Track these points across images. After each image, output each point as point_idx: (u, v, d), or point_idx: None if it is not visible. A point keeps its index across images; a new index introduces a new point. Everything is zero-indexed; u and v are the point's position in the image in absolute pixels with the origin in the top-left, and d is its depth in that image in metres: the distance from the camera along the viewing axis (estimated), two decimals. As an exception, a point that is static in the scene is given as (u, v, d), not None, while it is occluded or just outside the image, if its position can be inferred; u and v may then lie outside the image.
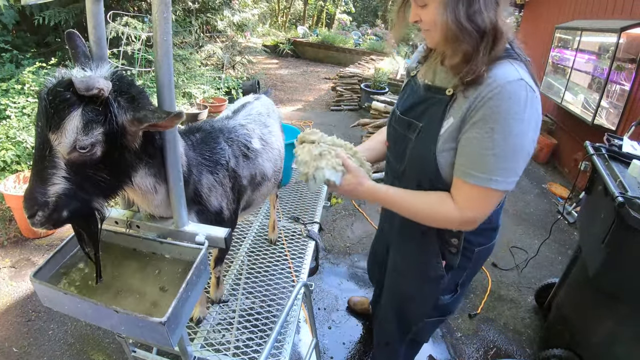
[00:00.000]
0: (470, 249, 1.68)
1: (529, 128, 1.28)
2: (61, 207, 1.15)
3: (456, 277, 1.78)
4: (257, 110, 2.23)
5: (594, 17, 6.44)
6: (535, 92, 1.29)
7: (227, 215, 1.77)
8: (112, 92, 1.11)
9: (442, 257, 1.70)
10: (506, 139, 1.28)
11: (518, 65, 1.30)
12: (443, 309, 1.90)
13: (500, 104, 1.26)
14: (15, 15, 5.57)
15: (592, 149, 2.70)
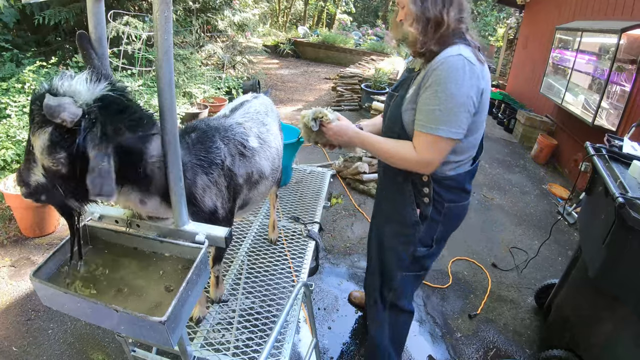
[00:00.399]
0: (441, 203, 2.00)
1: (465, 90, 1.68)
2: (39, 193, 1.22)
3: (431, 231, 2.08)
4: (255, 109, 2.23)
5: (595, 18, 6.45)
6: (475, 64, 1.69)
7: (222, 215, 1.76)
8: (88, 120, 1.10)
9: (416, 205, 2.03)
10: (447, 98, 1.68)
11: (463, 46, 1.71)
12: (420, 263, 2.20)
13: (442, 72, 1.68)
14: (15, 15, 5.57)
15: (593, 150, 2.70)
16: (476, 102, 1.73)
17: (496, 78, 13.71)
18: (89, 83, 1.15)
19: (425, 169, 1.86)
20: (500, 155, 7.46)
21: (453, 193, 2.00)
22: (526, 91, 9.43)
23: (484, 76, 1.73)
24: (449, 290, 3.68)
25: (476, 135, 1.89)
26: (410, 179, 1.99)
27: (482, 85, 1.72)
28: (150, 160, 1.31)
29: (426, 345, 3.09)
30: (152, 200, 1.40)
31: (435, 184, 1.95)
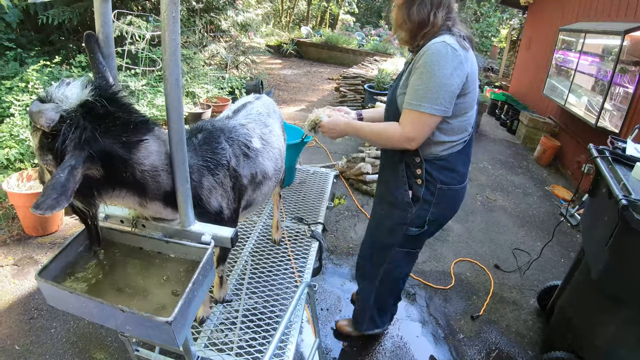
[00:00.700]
0: (434, 184, 2.13)
1: (446, 71, 1.83)
2: None
3: (423, 212, 2.21)
4: (257, 110, 2.23)
5: (598, 20, 6.45)
6: (458, 50, 1.84)
7: (227, 215, 1.76)
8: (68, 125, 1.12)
9: (409, 187, 2.17)
10: (430, 78, 1.84)
11: (447, 36, 1.88)
12: (412, 242, 2.37)
13: (426, 57, 1.85)
14: (19, 15, 5.58)
15: (596, 152, 2.69)
16: (459, 83, 1.87)
17: (499, 79, 13.70)
18: (79, 89, 1.16)
19: (409, 144, 1.98)
20: (503, 156, 7.46)
21: (445, 174, 2.12)
22: (529, 92, 9.42)
23: (467, 60, 1.88)
24: (451, 292, 3.68)
25: (466, 117, 2.03)
26: (404, 160, 2.14)
27: (466, 69, 1.88)
28: (139, 167, 1.29)
29: (429, 346, 3.09)
30: (153, 204, 1.40)
31: (427, 164, 2.08)
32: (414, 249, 2.47)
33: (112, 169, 1.22)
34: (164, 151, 1.34)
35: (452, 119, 1.97)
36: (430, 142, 2.04)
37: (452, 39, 1.86)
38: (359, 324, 2.92)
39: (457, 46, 1.85)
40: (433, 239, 4.42)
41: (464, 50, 1.87)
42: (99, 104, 1.17)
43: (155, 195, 1.37)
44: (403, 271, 2.61)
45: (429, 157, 2.08)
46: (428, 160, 2.08)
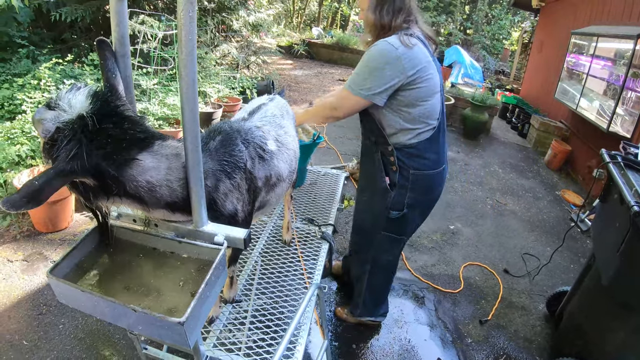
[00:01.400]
0: (407, 170, 2.31)
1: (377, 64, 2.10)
2: None
3: (401, 197, 2.39)
4: (272, 112, 2.23)
5: (611, 23, 6.40)
6: (397, 48, 2.05)
7: (241, 217, 1.76)
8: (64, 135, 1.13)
9: (385, 173, 2.37)
10: (363, 67, 2.15)
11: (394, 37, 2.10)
12: (396, 226, 2.51)
13: (368, 52, 2.15)
14: (30, 15, 5.62)
15: (608, 157, 2.67)
16: (392, 75, 2.09)
17: (510, 82, 13.65)
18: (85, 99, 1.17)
19: (333, 112, 2.34)
20: (514, 160, 7.43)
21: (415, 161, 2.31)
22: (540, 96, 9.37)
23: (408, 57, 2.07)
24: (460, 296, 3.66)
25: (426, 106, 2.21)
26: (379, 150, 2.36)
27: (404, 64, 2.07)
28: (130, 184, 1.28)
29: (436, 350, 3.08)
30: (157, 211, 1.40)
31: (398, 152, 2.30)
32: (398, 234, 2.58)
33: (102, 182, 1.23)
34: (164, 167, 1.33)
35: (410, 107, 2.19)
36: (397, 131, 2.26)
37: (395, 39, 2.09)
38: (353, 307, 3.08)
39: (397, 44, 2.06)
40: (442, 242, 4.42)
41: (406, 47, 2.07)
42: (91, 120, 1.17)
43: (156, 205, 1.37)
44: (388, 258, 2.73)
45: (398, 145, 2.29)
46: (398, 149, 2.30)
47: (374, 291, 2.92)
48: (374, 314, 3.06)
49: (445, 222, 4.87)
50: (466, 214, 5.17)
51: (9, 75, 4.94)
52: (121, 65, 1.30)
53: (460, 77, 13.17)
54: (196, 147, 1.27)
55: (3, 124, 3.97)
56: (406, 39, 2.08)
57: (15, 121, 3.99)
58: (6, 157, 3.64)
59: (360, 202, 2.70)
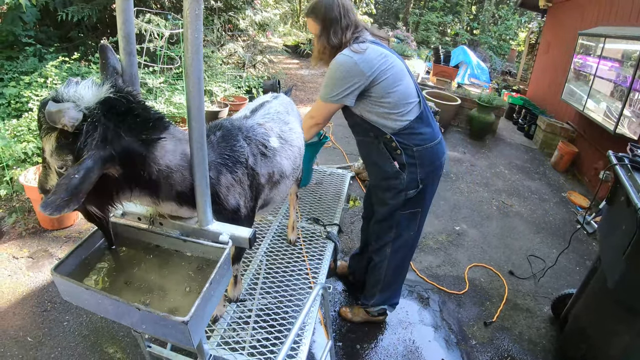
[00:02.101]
0: (410, 148, 2.48)
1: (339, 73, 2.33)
2: None
3: (413, 175, 2.53)
4: (275, 109, 2.22)
5: (618, 24, 6.37)
6: (352, 56, 2.30)
7: (244, 213, 1.76)
8: (90, 123, 1.10)
9: (393, 159, 2.52)
10: (328, 79, 2.38)
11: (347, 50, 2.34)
12: (414, 202, 2.64)
13: (330, 66, 2.37)
14: (36, 14, 5.63)
15: (615, 159, 2.65)
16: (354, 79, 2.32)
17: (517, 83, 13.61)
18: (92, 87, 1.16)
19: (312, 120, 2.55)
20: (520, 161, 7.41)
21: (414, 138, 2.49)
22: (547, 97, 9.33)
23: (364, 59, 2.30)
24: (465, 297, 3.65)
25: (398, 91, 2.41)
26: (381, 141, 2.51)
27: (362, 67, 2.29)
28: (156, 167, 1.28)
29: (441, 351, 3.07)
30: (167, 204, 1.39)
31: (396, 137, 2.46)
32: (417, 208, 2.70)
33: (129, 168, 1.22)
34: (179, 150, 1.33)
35: (385, 98, 2.39)
36: (386, 120, 2.44)
37: (347, 50, 2.33)
38: (367, 298, 3.11)
39: (351, 54, 2.31)
40: (448, 243, 4.41)
41: (359, 53, 2.30)
42: (123, 100, 1.17)
43: (168, 195, 1.37)
44: (410, 233, 2.80)
45: (394, 131, 2.46)
46: (395, 134, 2.46)
47: (394, 273, 2.96)
48: (387, 301, 3.08)
49: (450, 223, 4.85)
50: (472, 215, 5.15)
51: (16, 73, 4.96)
52: (127, 63, 1.29)
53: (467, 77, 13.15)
54: (202, 146, 1.26)
55: (10, 122, 3.98)
56: (357, 47, 2.33)
57: (22, 119, 4.01)
58: (12, 154, 3.66)
59: (376, 194, 2.77)
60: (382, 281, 2.96)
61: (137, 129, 1.20)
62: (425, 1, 25.59)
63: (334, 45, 2.43)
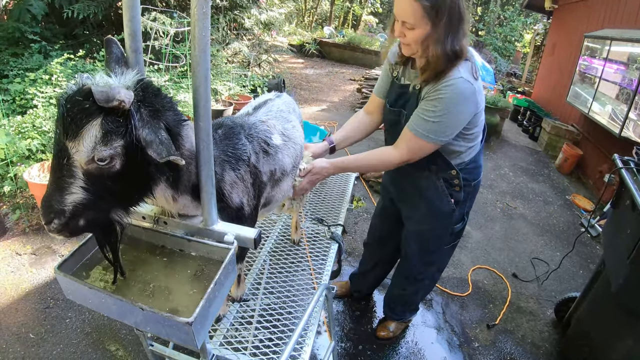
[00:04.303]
0: (468, 184, 2.27)
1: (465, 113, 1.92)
2: (78, 216, 1.13)
3: (462, 210, 2.38)
4: (278, 107, 2.21)
5: (624, 27, 6.35)
6: (473, 84, 1.86)
7: (247, 212, 1.75)
8: (134, 102, 1.08)
9: (450, 196, 2.27)
10: (446, 115, 1.89)
11: (463, 68, 1.86)
12: (456, 235, 2.51)
13: (450, 93, 1.85)
14: (44, 8, 5.64)
15: (621, 162, 2.64)
16: (474, 110, 1.94)
17: (522, 85, 13.58)
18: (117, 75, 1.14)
19: (400, 164, 2.12)
20: (525, 163, 7.39)
21: (474, 172, 2.27)
22: (552, 99, 9.32)
23: (479, 90, 1.92)
24: (468, 299, 3.64)
25: (480, 125, 2.09)
26: (441, 177, 2.23)
27: (478, 99, 1.92)
28: (182, 150, 1.28)
29: (443, 353, 3.06)
30: (183, 198, 1.39)
31: (462, 173, 2.20)
32: (458, 239, 2.59)
33: None
34: (193, 137, 1.32)
35: (475, 128, 2.06)
36: (460, 152, 2.15)
37: (467, 71, 1.88)
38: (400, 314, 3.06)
39: (472, 79, 1.88)
40: (451, 245, 4.40)
41: (476, 79, 1.90)
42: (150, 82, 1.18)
43: (186, 187, 1.37)
44: (447, 260, 2.78)
45: (462, 165, 2.19)
46: (462, 169, 2.20)
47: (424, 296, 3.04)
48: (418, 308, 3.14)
49: (454, 225, 4.83)
50: (476, 216, 5.14)
51: (21, 69, 4.97)
52: (133, 60, 1.29)
53: (472, 79, 13.12)
54: (208, 145, 1.26)
55: (14, 118, 3.98)
56: (473, 66, 1.92)
57: (27, 115, 4.01)
58: (17, 150, 3.66)
59: (419, 233, 2.55)
60: (415, 303, 3.00)
61: (169, 108, 1.20)
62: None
63: (455, 54, 1.85)
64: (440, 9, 1.75)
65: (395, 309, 3.03)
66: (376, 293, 3.52)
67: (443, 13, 1.76)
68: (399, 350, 3.01)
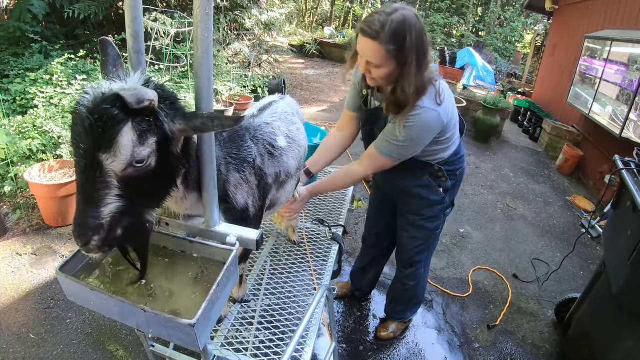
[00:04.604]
0: (454, 173, 2.37)
1: (428, 139, 2.04)
2: (115, 226, 1.12)
3: (451, 196, 2.49)
4: (283, 109, 2.22)
5: (625, 28, 6.34)
6: (437, 110, 1.95)
7: (252, 213, 1.75)
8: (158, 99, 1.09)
9: (438, 187, 2.38)
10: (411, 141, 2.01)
11: (427, 98, 1.93)
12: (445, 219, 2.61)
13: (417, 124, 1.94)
14: (45, 7, 5.64)
15: (622, 163, 2.64)
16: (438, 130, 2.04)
17: (522, 85, 13.58)
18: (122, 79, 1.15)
19: (361, 174, 2.28)
20: (525, 164, 7.39)
21: (457, 163, 2.36)
22: (553, 100, 9.31)
23: (444, 111, 1.98)
24: (468, 300, 3.64)
25: (453, 129, 2.18)
26: (425, 173, 2.34)
27: (442, 120, 2.00)
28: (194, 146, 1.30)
29: (444, 354, 3.06)
30: (191, 196, 1.40)
31: (444, 166, 2.30)
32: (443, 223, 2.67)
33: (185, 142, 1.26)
34: None
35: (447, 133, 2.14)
36: (438, 152, 2.24)
37: (431, 101, 1.94)
38: (400, 313, 3.10)
39: (436, 106, 1.95)
40: (452, 246, 4.40)
41: (440, 105, 1.96)
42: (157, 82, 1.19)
43: (194, 185, 1.37)
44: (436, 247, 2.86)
45: (443, 161, 2.29)
46: (443, 164, 2.29)
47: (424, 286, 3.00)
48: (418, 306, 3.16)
49: (455, 226, 4.84)
50: (476, 217, 5.14)
51: (22, 69, 4.98)
52: (135, 61, 1.28)
53: (472, 79, 13.12)
54: (210, 146, 1.26)
55: (15, 118, 3.98)
56: (437, 93, 1.97)
57: (27, 115, 4.01)
58: (17, 150, 3.66)
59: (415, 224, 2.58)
60: (417, 296, 2.98)
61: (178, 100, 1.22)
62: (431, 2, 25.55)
63: (417, 93, 1.89)
64: (405, 50, 1.80)
65: (397, 307, 3.06)
66: (376, 293, 3.52)
67: (408, 54, 1.81)
68: (399, 351, 3.01)
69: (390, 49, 1.78)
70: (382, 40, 1.78)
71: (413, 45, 1.79)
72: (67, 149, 3.88)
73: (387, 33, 1.76)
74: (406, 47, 1.79)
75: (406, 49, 1.79)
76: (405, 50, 1.79)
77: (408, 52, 1.80)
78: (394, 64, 1.85)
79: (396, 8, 1.79)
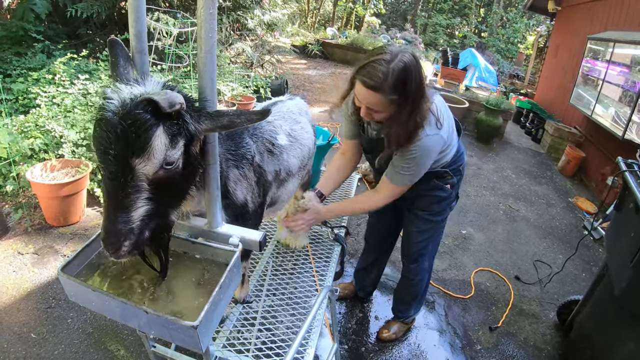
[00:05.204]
0: (457, 169, 2.44)
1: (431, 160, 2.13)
2: (144, 230, 1.14)
3: (456, 189, 2.54)
4: (288, 108, 2.23)
5: (628, 29, 6.33)
6: (438, 132, 2.05)
7: (252, 209, 1.76)
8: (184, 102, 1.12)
9: (445, 184, 2.43)
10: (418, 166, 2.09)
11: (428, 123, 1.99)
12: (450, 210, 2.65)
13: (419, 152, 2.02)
14: (47, 7, 5.64)
15: (625, 165, 2.63)
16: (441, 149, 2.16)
17: (525, 86, 13.57)
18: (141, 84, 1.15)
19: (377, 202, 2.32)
20: (527, 165, 7.38)
21: (459, 160, 2.43)
22: (555, 101, 9.30)
23: (446, 131, 2.12)
24: (470, 301, 3.63)
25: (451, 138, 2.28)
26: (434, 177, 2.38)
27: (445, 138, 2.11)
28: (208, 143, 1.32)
29: (445, 356, 3.05)
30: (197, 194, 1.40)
31: (449, 167, 2.37)
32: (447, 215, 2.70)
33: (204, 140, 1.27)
34: None
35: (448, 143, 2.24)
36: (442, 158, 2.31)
37: (432, 126, 2.02)
38: (404, 312, 3.11)
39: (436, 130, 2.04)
40: (454, 247, 4.40)
41: (439, 128, 2.05)
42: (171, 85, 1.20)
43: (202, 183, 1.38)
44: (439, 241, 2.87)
45: (449, 164, 2.36)
46: (448, 166, 2.37)
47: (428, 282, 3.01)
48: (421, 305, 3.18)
49: (457, 227, 4.83)
50: (478, 219, 5.14)
51: (24, 69, 4.98)
52: (138, 61, 1.28)
53: (475, 80, 13.14)
54: (214, 147, 1.26)
55: (17, 117, 3.98)
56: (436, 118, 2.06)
57: (29, 115, 4.01)
58: (19, 150, 3.66)
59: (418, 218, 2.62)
60: (420, 293, 2.98)
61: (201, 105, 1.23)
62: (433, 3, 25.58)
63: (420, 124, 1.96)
64: (406, 95, 1.84)
65: (401, 306, 3.08)
66: (377, 294, 3.52)
67: (408, 99, 1.85)
68: (401, 352, 3.00)
69: (393, 98, 1.83)
70: (384, 91, 1.81)
71: (413, 89, 1.84)
72: (69, 148, 3.87)
73: (390, 83, 1.79)
74: (407, 92, 1.83)
75: (407, 94, 1.84)
76: (406, 95, 1.84)
77: (409, 96, 1.85)
78: (395, 107, 1.89)
79: (395, 54, 1.81)
